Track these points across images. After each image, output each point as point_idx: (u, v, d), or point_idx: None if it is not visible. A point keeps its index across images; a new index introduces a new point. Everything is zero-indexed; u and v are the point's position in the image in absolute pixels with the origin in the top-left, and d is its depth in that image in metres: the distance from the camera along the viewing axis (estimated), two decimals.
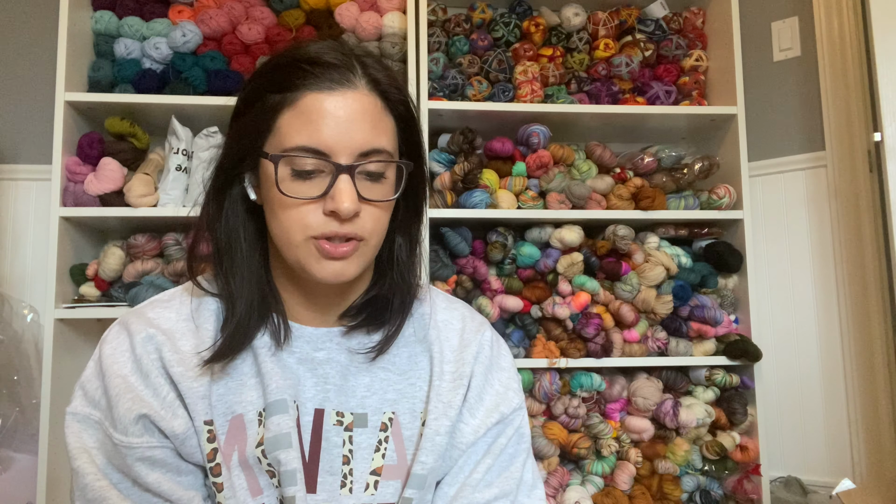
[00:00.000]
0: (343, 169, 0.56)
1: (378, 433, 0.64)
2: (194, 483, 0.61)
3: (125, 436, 0.59)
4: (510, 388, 0.70)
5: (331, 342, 0.66)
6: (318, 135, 0.56)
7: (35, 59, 1.85)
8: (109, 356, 0.62)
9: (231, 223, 0.63)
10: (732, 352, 1.69)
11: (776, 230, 1.90)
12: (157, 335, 0.62)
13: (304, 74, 0.57)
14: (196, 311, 0.65)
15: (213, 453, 0.60)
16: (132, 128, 1.66)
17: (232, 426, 0.61)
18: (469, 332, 0.71)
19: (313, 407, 0.63)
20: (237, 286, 0.63)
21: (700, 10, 1.95)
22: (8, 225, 1.83)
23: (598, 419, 1.66)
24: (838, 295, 1.79)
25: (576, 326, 1.67)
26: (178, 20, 1.72)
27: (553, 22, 1.88)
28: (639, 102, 1.81)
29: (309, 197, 0.57)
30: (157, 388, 0.60)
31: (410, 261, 0.68)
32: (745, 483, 1.66)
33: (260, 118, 0.59)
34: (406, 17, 1.74)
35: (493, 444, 0.67)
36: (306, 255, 0.59)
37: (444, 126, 1.80)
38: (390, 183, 0.61)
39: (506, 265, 1.71)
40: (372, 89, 0.59)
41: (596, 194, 1.73)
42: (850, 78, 1.75)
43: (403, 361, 0.68)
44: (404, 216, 0.68)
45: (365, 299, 0.67)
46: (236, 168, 0.62)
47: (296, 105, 0.57)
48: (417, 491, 0.62)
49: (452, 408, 0.65)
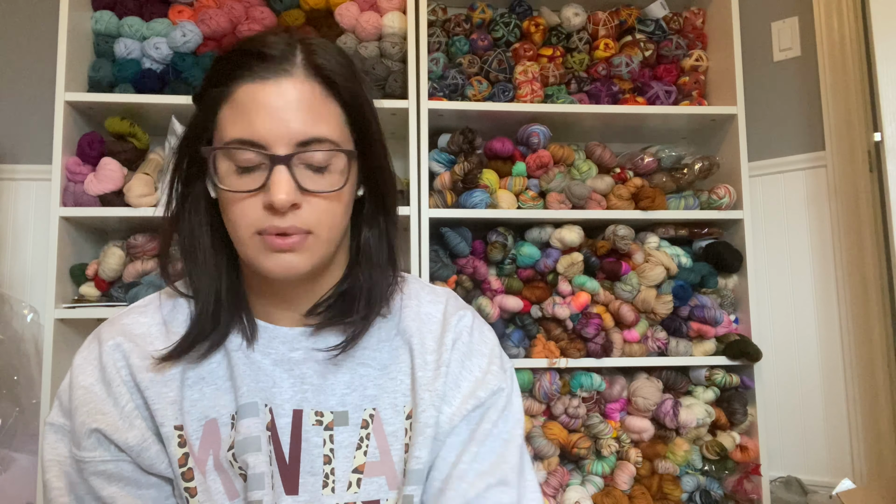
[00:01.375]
0: (278, 160, 0.55)
1: (359, 430, 0.63)
2: (155, 497, 0.60)
3: (79, 449, 0.59)
4: (489, 371, 0.67)
5: (306, 341, 0.65)
6: (251, 127, 0.55)
7: (35, 59, 1.85)
8: (78, 366, 0.62)
9: (193, 221, 0.62)
10: (732, 352, 1.69)
11: (776, 230, 1.90)
12: (125, 343, 0.61)
13: (238, 66, 0.56)
14: (170, 313, 0.65)
15: (185, 458, 0.59)
16: (132, 128, 1.66)
17: (206, 431, 0.61)
18: (449, 318, 0.69)
19: (291, 408, 0.62)
20: (200, 284, 0.62)
21: (700, 10, 1.95)
22: (8, 225, 1.83)
23: (598, 419, 1.66)
24: (838, 295, 1.79)
25: (576, 326, 1.67)
26: (178, 20, 1.72)
27: (553, 22, 1.88)
28: (639, 102, 1.81)
29: (247, 190, 0.56)
30: (117, 398, 0.59)
31: (380, 255, 0.66)
32: (745, 483, 1.66)
33: (204, 114, 0.59)
34: (406, 17, 1.74)
35: (477, 430, 0.64)
36: (254, 250, 0.58)
37: (444, 126, 1.80)
38: (338, 172, 0.58)
39: (506, 265, 1.71)
40: (311, 76, 0.56)
41: (596, 194, 1.73)
42: (850, 78, 1.75)
43: (385, 356, 0.66)
44: (369, 208, 0.65)
45: (334, 295, 0.65)
46: (188, 165, 0.61)
47: (232, 98, 0.56)
48: (418, 487, 0.61)
49: (437, 395, 0.64)
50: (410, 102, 1.67)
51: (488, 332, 0.72)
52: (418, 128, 1.67)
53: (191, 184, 0.62)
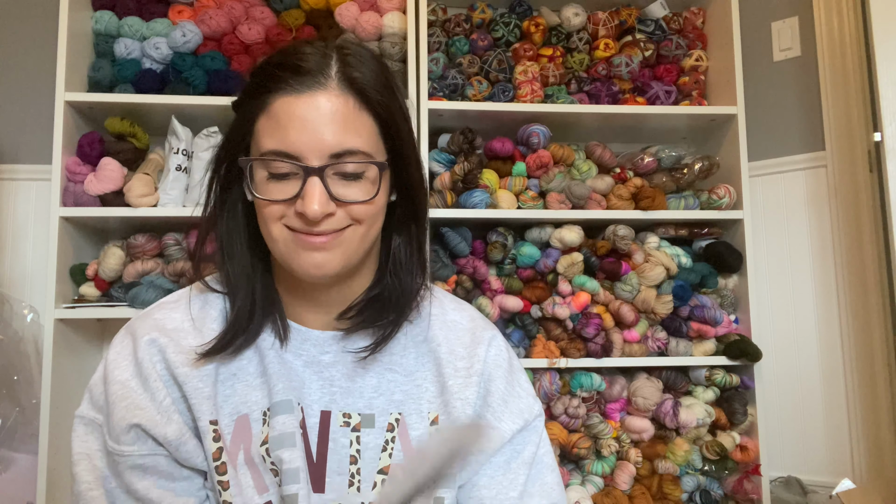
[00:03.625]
0: (311, 171, 0.56)
1: (385, 433, 0.64)
2: (188, 489, 0.62)
3: (117, 444, 0.59)
4: (530, 394, 0.71)
5: (336, 345, 0.67)
6: (286, 139, 0.56)
7: (35, 59, 1.85)
8: (113, 361, 0.63)
9: (230, 223, 0.65)
10: (732, 352, 1.69)
11: (776, 230, 1.90)
12: (161, 338, 0.62)
13: (275, 79, 0.58)
14: (202, 309, 0.66)
15: (219, 452, 0.60)
16: (132, 128, 1.67)
17: (238, 426, 0.62)
18: (480, 329, 0.71)
19: (319, 409, 0.64)
20: (237, 282, 0.64)
21: (700, 10, 1.95)
22: (8, 225, 1.83)
23: (598, 419, 1.66)
24: (838, 295, 1.79)
25: (576, 326, 1.67)
26: (178, 20, 1.72)
27: (553, 22, 1.88)
28: (639, 102, 1.81)
29: (282, 199, 0.58)
30: (154, 393, 0.60)
31: (410, 261, 0.68)
32: (745, 483, 1.66)
33: (241, 123, 0.61)
34: (406, 17, 1.74)
35: (523, 452, 0.67)
36: (287, 247, 0.59)
37: (444, 126, 1.80)
38: (370, 181, 0.60)
39: (506, 265, 1.71)
40: (345, 89, 0.58)
41: (596, 194, 1.73)
42: (850, 78, 1.75)
43: (410, 363, 0.68)
44: (401, 214, 0.67)
45: (365, 299, 0.67)
46: (226, 170, 0.63)
47: (268, 110, 0.58)
48: (449, 490, 0.63)
49: (469, 404, 0.66)
50: (410, 102, 1.67)
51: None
52: (418, 128, 1.67)
53: (229, 188, 0.64)
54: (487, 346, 0.70)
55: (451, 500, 0.63)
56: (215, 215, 0.64)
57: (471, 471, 0.66)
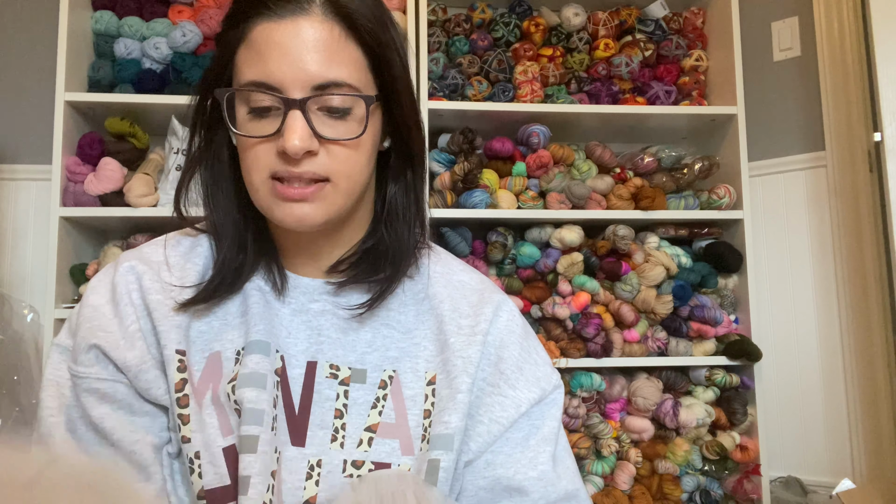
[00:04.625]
0: (292, 104, 0.52)
1: (377, 390, 0.61)
2: (148, 425, 0.59)
3: (75, 364, 0.57)
4: (548, 362, 0.66)
5: (328, 294, 0.63)
6: (266, 68, 0.52)
7: (35, 59, 1.85)
8: (92, 287, 0.61)
9: (216, 168, 0.61)
10: (732, 352, 1.69)
11: (776, 230, 1.90)
12: (139, 265, 0.60)
13: (255, 4, 0.53)
14: (190, 249, 0.64)
15: (182, 384, 0.58)
16: (132, 128, 1.67)
17: (209, 363, 0.59)
18: (489, 291, 0.66)
19: (305, 360, 0.61)
20: (223, 231, 0.61)
21: (700, 10, 1.95)
22: (8, 225, 1.83)
23: (598, 419, 1.66)
24: (838, 295, 1.78)
25: (576, 326, 1.67)
26: (178, 20, 1.72)
27: (553, 22, 1.88)
28: (639, 102, 1.81)
29: (262, 135, 0.54)
30: (123, 318, 0.58)
31: (408, 212, 0.63)
32: (745, 483, 1.66)
33: (221, 55, 0.56)
34: (406, 17, 1.74)
35: (542, 427, 0.62)
36: (266, 197, 0.56)
37: (444, 126, 1.80)
38: (357, 119, 0.55)
39: (506, 265, 1.71)
40: (331, 15, 0.53)
41: (596, 194, 1.73)
42: (850, 78, 1.75)
43: (409, 320, 0.64)
44: (396, 161, 0.63)
45: (359, 251, 0.63)
46: (210, 110, 0.59)
47: (248, 38, 0.54)
48: (445, 452, 0.58)
49: (471, 363, 0.61)
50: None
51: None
52: None
53: (213, 129, 0.60)
54: (496, 309, 0.65)
55: (448, 464, 0.58)
56: (198, 155, 0.61)
57: (481, 443, 0.60)
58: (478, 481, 0.60)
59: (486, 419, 0.61)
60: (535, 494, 0.59)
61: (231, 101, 0.56)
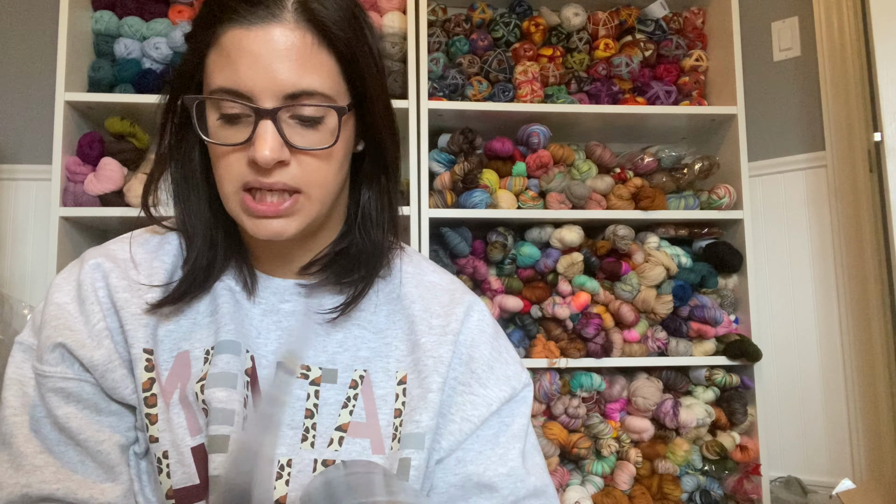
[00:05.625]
0: (263, 113, 0.51)
1: (347, 390, 0.61)
2: (115, 425, 0.58)
3: (40, 363, 0.57)
4: (517, 361, 0.67)
5: (298, 294, 0.63)
6: (236, 76, 0.51)
7: (35, 59, 1.85)
8: (56, 285, 0.60)
9: (186, 168, 0.60)
10: (732, 352, 1.69)
11: (776, 230, 1.90)
12: (106, 263, 0.59)
13: (226, 8, 0.52)
14: (158, 246, 0.63)
15: (150, 383, 0.57)
16: (132, 128, 1.66)
17: (177, 362, 0.58)
18: (460, 292, 0.67)
19: (276, 360, 0.60)
20: (193, 231, 0.60)
21: (700, 10, 1.95)
22: (8, 225, 1.83)
23: (598, 419, 1.66)
24: (838, 295, 1.79)
25: (576, 326, 1.67)
26: (178, 20, 1.72)
27: (553, 22, 1.88)
28: (639, 102, 1.81)
29: (232, 143, 0.53)
30: (89, 316, 0.57)
31: (381, 216, 0.63)
32: (745, 483, 1.66)
33: (192, 57, 0.55)
34: (406, 17, 1.74)
35: (512, 425, 0.63)
36: (238, 210, 0.55)
37: (444, 126, 1.80)
38: (330, 129, 0.54)
39: (506, 265, 1.71)
40: (303, 22, 0.52)
41: (596, 194, 1.73)
42: (850, 78, 1.75)
43: (381, 320, 0.64)
44: (369, 165, 0.62)
45: (331, 253, 0.63)
46: (179, 108, 0.58)
47: (218, 42, 0.52)
48: (416, 451, 0.58)
49: (442, 363, 0.61)
50: (410, 102, 1.67)
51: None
52: (418, 128, 1.67)
53: (184, 128, 0.59)
54: (468, 310, 0.65)
55: (419, 462, 0.58)
56: (168, 153, 0.60)
57: (453, 442, 0.61)
58: (448, 478, 0.61)
59: (457, 418, 0.62)
60: (504, 490, 0.60)
61: (201, 105, 0.55)
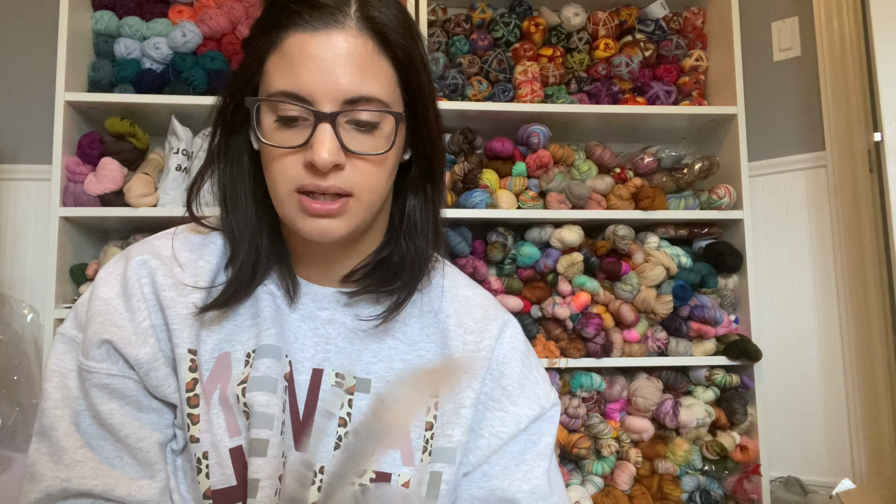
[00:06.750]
0: (323, 117, 0.52)
1: None
2: (155, 422, 0.59)
3: (86, 358, 0.57)
4: (547, 381, 0.68)
5: (337, 303, 0.63)
6: (298, 79, 0.52)
7: (35, 59, 1.85)
8: (101, 279, 0.60)
9: (235, 172, 0.61)
10: (732, 352, 1.69)
11: (776, 230, 1.90)
12: (152, 260, 0.60)
13: (290, 14, 0.53)
14: (202, 246, 0.63)
15: (193, 383, 0.58)
16: (132, 128, 1.67)
17: (218, 363, 0.59)
18: (493, 309, 0.68)
19: (311, 367, 0.61)
20: (240, 235, 0.61)
21: (700, 10, 1.95)
22: (8, 225, 1.83)
23: (598, 419, 1.66)
24: (838, 295, 1.79)
25: (576, 326, 1.67)
26: (178, 20, 1.72)
27: (553, 22, 1.88)
28: (639, 102, 1.81)
29: (290, 146, 0.54)
30: (135, 313, 0.58)
31: (426, 225, 0.64)
32: (745, 483, 1.66)
33: (251, 61, 0.56)
34: None
35: (538, 443, 0.64)
36: (291, 210, 0.56)
37: (444, 126, 1.79)
38: (385, 135, 0.55)
39: (506, 265, 1.71)
40: (364, 30, 0.53)
41: (596, 194, 1.73)
42: (850, 78, 1.75)
43: (414, 332, 0.65)
44: (416, 174, 0.63)
45: (373, 262, 0.64)
46: (231, 114, 0.59)
47: (280, 47, 0.53)
48: (448, 465, 0.59)
49: (476, 379, 0.62)
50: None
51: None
52: None
53: (234, 133, 0.60)
54: (501, 327, 0.66)
55: (449, 476, 0.59)
56: (217, 158, 0.60)
57: (480, 456, 0.62)
58: (473, 491, 0.62)
59: (486, 433, 0.63)
60: None
61: (258, 108, 0.56)
